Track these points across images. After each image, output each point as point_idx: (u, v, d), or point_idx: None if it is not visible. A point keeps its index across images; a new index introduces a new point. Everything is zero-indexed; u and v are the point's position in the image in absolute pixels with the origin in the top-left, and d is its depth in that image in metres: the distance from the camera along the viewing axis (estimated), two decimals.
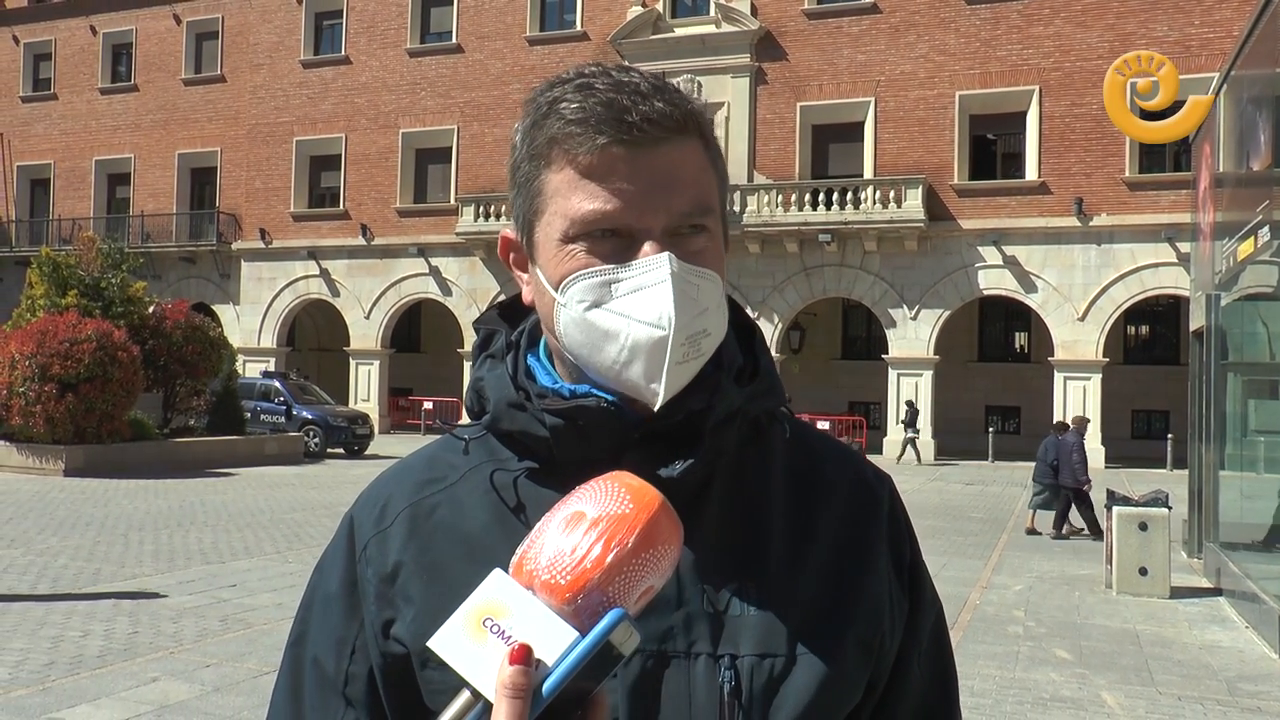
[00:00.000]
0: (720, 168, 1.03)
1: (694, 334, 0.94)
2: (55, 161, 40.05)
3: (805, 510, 1.04)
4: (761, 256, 29.01)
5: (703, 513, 1.00)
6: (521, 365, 1.05)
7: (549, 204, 0.98)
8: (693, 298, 0.94)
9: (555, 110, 0.96)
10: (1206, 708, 6.48)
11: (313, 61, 35.29)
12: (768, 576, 0.99)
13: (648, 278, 0.93)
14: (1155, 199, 25.92)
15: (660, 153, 0.95)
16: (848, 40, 28.88)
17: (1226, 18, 25.19)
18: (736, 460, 1.04)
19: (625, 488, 0.81)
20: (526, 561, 0.80)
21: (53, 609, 8.22)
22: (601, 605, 0.77)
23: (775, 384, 1.07)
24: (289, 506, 15.18)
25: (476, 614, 0.78)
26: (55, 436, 18.86)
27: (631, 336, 0.93)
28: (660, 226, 0.95)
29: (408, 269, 33.37)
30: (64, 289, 21.63)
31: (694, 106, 0.99)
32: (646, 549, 0.79)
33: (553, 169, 0.97)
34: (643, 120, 0.94)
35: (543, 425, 0.99)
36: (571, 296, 0.96)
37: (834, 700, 0.97)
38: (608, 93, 0.94)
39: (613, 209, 0.94)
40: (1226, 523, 10.95)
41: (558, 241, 0.97)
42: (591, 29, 31.47)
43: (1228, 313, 11.03)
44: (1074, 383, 26.55)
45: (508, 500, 1.00)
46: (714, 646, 0.95)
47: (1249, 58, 9.95)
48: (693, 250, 0.96)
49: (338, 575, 1.04)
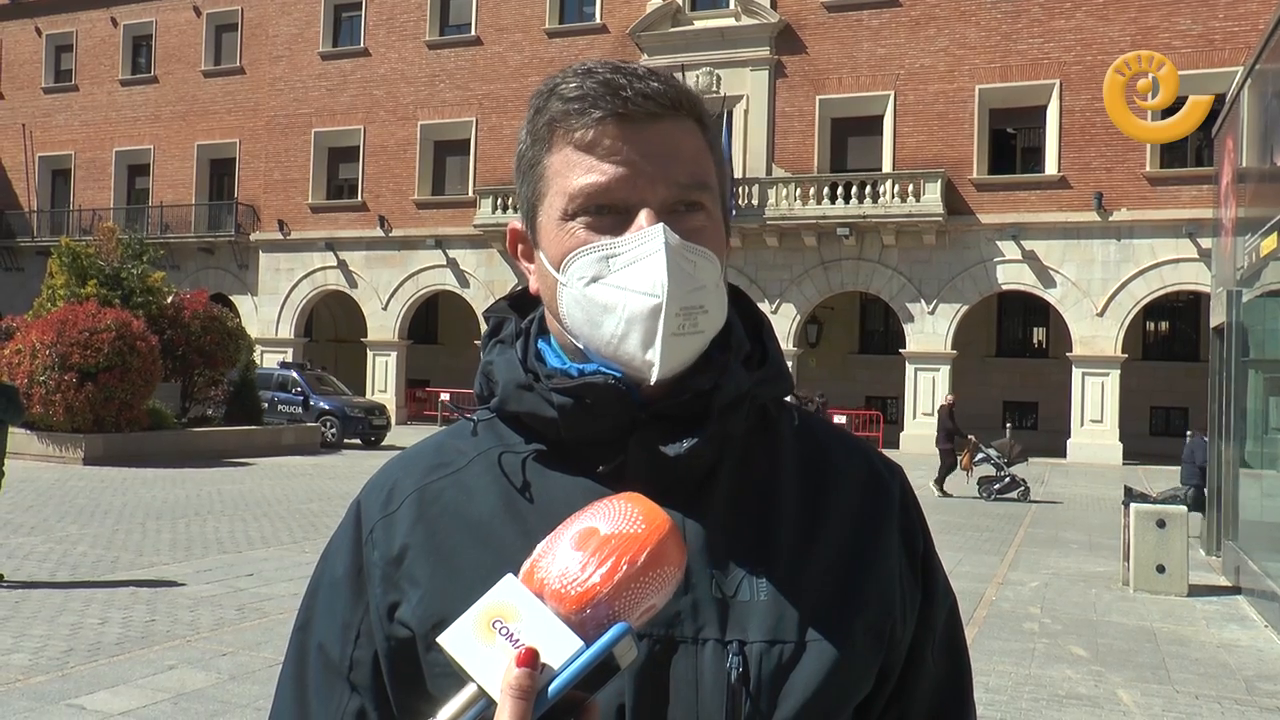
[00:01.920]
0: (719, 154, 1.04)
1: (689, 307, 0.95)
2: (76, 152, 40.29)
3: (815, 498, 1.04)
4: (780, 250, 28.94)
5: (711, 498, 1.00)
6: (532, 349, 1.06)
7: (550, 185, 1.00)
8: (688, 272, 0.95)
9: (555, 93, 0.99)
10: (1224, 707, 6.44)
11: (332, 53, 35.37)
12: (777, 563, 0.99)
13: (643, 249, 0.94)
14: (1176, 194, 25.73)
15: (656, 129, 0.97)
16: (867, 33, 28.75)
17: (1251, 11, 24.94)
18: (745, 447, 1.04)
19: (638, 509, 0.84)
20: (538, 570, 0.82)
21: (71, 596, 8.29)
22: (607, 618, 0.80)
23: (783, 371, 1.08)
24: (306, 496, 15.26)
25: (487, 615, 0.81)
26: (75, 425, 18.99)
27: (628, 308, 0.94)
28: (657, 200, 0.96)
29: (425, 261, 33.44)
30: (84, 279, 21.77)
31: (691, 91, 1.01)
32: (654, 569, 0.81)
33: (553, 151, 1.00)
34: (637, 95, 0.96)
35: (550, 406, 1.00)
36: (572, 274, 0.97)
37: (843, 688, 0.97)
38: (605, 74, 0.98)
39: (608, 181, 0.96)
40: (1246, 520, 10.87)
41: (558, 220, 0.99)
42: (611, 21, 31.44)
43: (1249, 309, 10.94)
44: (1092, 379, 26.40)
45: (515, 481, 1.01)
46: (722, 632, 0.95)
47: (1275, 51, 9.85)
48: (690, 228, 0.97)
49: (344, 560, 1.04)
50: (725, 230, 1.05)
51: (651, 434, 0.98)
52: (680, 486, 0.99)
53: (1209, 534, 12.57)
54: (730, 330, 1.04)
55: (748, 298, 1.12)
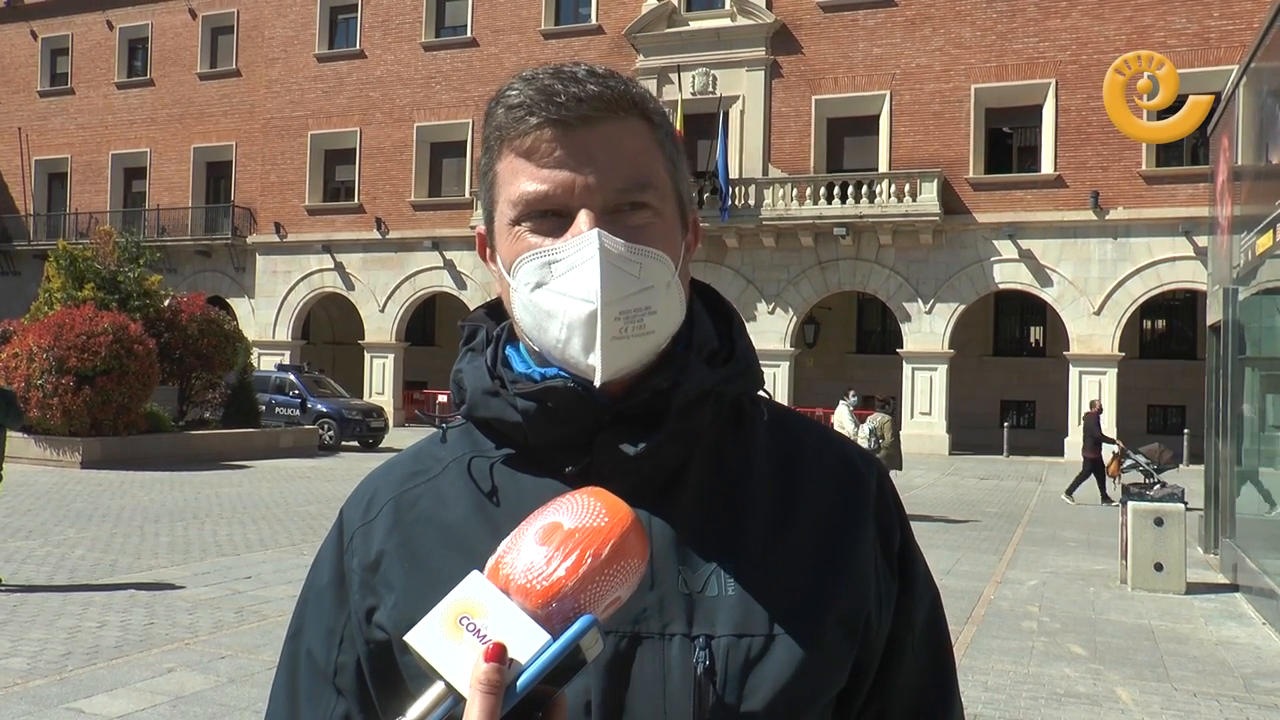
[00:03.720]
0: (672, 150, 1.04)
1: (631, 310, 0.95)
2: (72, 155, 40.26)
3: (787, 492, 1.04)
4: (776, 250, 28.96)
5: (679, 495, 1.01)
6: (500, 355, 1.07)
7: (500, 192, 1.01)
8: (631, 274, 0.95)
9: (500, 100, 1.01)
10: (1222, 704, 6.44)
11: (327, 55, 35.36)
12: (746, 558, 0.99)
13: (579, 255, 0.95)
14: (1173, 192, 25.76)
15: (594, 132, 0.98)
16: (863, 33, 28.76)
17: (1246, 10, 24.98)
18: (716, 443, 1.04)
19: (600, 502, 0.84)
20: (503, 565, 0.83)
21: (70, 600, 8.28)
22: (573, 612, 0.80)
23: (752, 366, 1.08)
24: (304, 499, 15.24)
25: (453, 612, 0.81)
26: (72, 429, 18.97)
27: (568, 313, 0.95)
28: (598, 204, 0.97)
29: (422, 262, 33.43)
30: (81, 282, 21.73)
31: (633, 89, 1.01)
32: (618, 561, 0.82)
33: (501, 158, 1.01)
34: (571, 100, 0.97)
35: (515, 410, 1.01)
36: (520, 279, 0.98)
37: (813, 681, 0.97)
38: (545, 80, 0.98)
39: (547, 188, 0.97)
40: (1243, 518, 10.88)
41: (507, 226, 1.00)
42: (606, 23, 31.44)
43: (1245, 307, 10.95)
44: (1089, 377, 26.42)
45: (482, 485, 1.02)
46: (689, 627, 0.96)
47: (1269, 50, 9.87)
48: (632, 226, 0.98)
49: (327, 568, 1.08)
50: (684, 227, 1.05)
51: (614, 435, 0.99)
52: (649, 485, 0.99)
53: (1207, 532, 12.58)
54: (694, 327, 1.04)
55: (716, 294, 1.12)
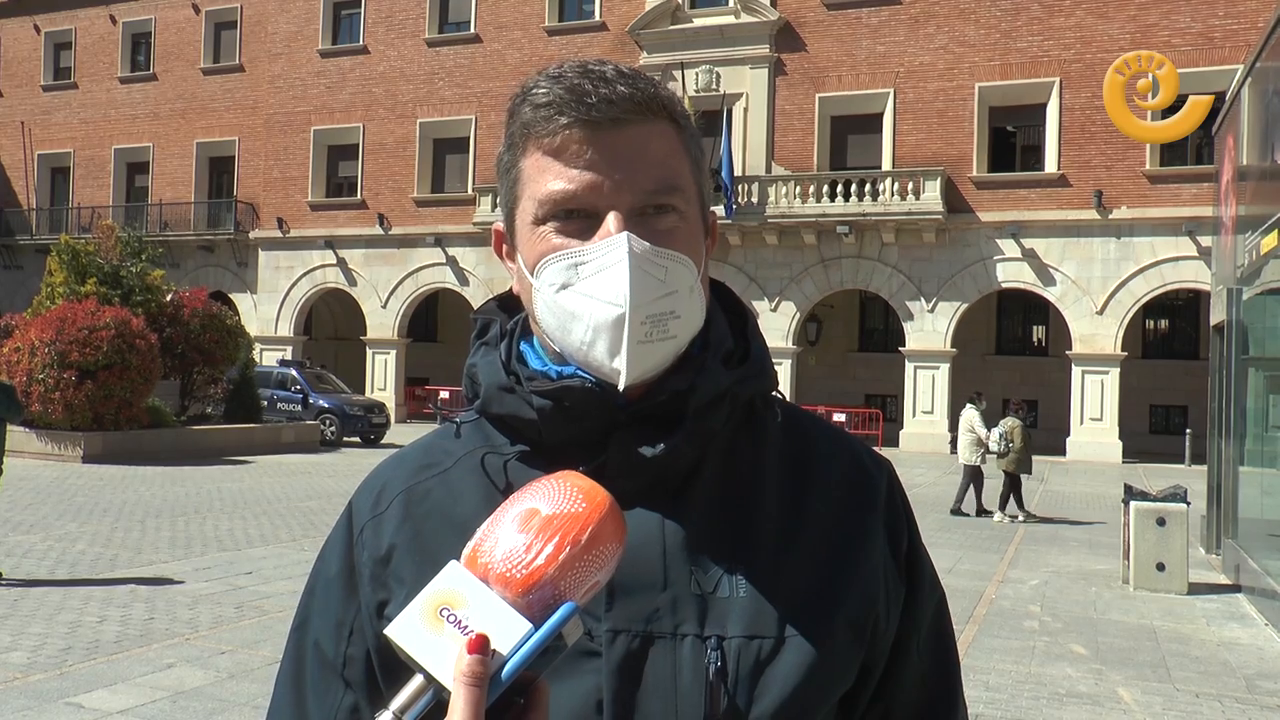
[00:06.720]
0: (697, 154, 1.04)
1: (657, 314, 0.95)
2: (75, 150, 40.27)
3: (798, 493, 1.04)
4: (779, 248, 28.93)
5: (692, 496, 1.01)
6: (515, 351, 1.06)
7: (524, 190, 1.01)
8: (657, 278, 0.95)
9: (527, 98, 1.00)
10: (1225, 705, 6.43)
11: (331, 51, 35.34)
12: (758, 559, 0.99)
13: (608, 258, 0.94)
14: (1176, 192, 25.71)
15: (623, 133, 0.97)
16: (867, 31, 28.73)
17: (1251, 9, 24.92)
18: (729, 443, 1.04)
19: (577, 487, 0.84)
20: (481, 554, 0.82)
21: (70, 594, 8.27)
22: (553, 599, 0.80)
23: (766, 367, 1.08)
24: (305, 494, 15.25)
25: (433, 604, 0.80)
26: (74, 423, 18.98)
27: (594, 316, 0.95)
28: (626, 206, 0.96)
29: (425, 259, 33.43)
30: (83, 277, 21.74)
31: (662, 92, 1.00)
32: (597, 547, 0.81)
33: (526, 156, 1.00)
34: (602, 101, 0.96)
35: (530, 407, 1.00)
36: (544, 280, 0.98)
37: (823, 682, 0.97)
38: (573, 79, 0.98)
39: (575, 188, 0.96)
40: (1246, 519, 10.86)
41: (531, 225, 1.00)
42: (610, 19, 31.41)
43: (1249, 307, 10.93)
44: (1092, 377, 26.40)
45: (497, 482, 1.01)
46: (701, 628, 0.96)
47: (1275, 49, 9.83)
48: (659, 230, 0.97)
49: (336, 560, 1.07)
50: (705, 230, 1.05)
51: (630, 435, 0.98)
52: (662, 485, 0.99)
53: (1209, 532, 12.56)
54: (711, 328, 1.04)
55: (732, 294, 1.12)
